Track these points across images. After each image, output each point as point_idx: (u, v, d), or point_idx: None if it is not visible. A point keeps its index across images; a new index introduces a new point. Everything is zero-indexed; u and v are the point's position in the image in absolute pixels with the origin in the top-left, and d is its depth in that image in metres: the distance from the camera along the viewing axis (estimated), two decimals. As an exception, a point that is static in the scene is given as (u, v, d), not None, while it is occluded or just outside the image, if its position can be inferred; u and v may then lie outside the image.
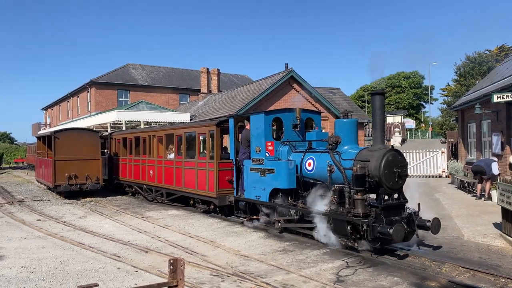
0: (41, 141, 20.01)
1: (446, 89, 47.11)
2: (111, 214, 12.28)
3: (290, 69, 22.39)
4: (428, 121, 55.79)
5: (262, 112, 9.84)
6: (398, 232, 6.66)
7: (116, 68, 38.03)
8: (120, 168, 17.66)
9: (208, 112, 24.91)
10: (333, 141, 7.99)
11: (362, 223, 6.98)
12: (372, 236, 6.93)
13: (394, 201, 7.43)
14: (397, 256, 7.19)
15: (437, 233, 7.51)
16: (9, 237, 9.01)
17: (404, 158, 7.63)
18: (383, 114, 7.73)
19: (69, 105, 42.77)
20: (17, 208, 13.85)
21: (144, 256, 7.45)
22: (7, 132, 71.76)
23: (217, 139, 11.37)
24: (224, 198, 11.03)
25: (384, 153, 7.29)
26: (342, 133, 8.18)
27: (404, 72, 63.71)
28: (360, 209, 7.09)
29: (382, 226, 6.87)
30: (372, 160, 7.32)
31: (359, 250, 7.35)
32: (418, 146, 27.76)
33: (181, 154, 13.08)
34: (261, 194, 9.45)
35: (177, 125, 16.22)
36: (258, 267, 6.64)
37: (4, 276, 6.15)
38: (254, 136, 9.78)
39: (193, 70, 42.43)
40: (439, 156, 20.15)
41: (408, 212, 7.45)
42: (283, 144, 9.49)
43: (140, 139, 16.05)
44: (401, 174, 7.39)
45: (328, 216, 7.74)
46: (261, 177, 9.40)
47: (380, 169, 7.18)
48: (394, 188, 7.38)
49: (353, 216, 7.14)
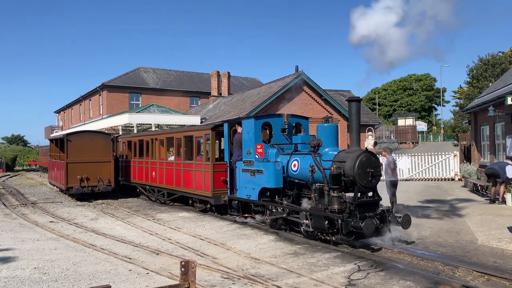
0: (53, 143, 20.24)
1: (459, 91, 46.59)
2: (122, 216, 12.36)
3: (301, 72, 22.36)
4: (440, 124, 55.23)
5: (252, 117, 10.48)
6: (368, 226, 7.30)
7: (128, 72, 38.38)
8: (126, 170, 18.28)
9: (219, 115, 24.97)
10: (315, 144, 8.63)
11: (337, 218, 7.70)
12: (346, 230, 7.57)
13: (369, 198, 8.06)
14: (371, 249, 7.81)
15: (407, 228, 8.02)
16: (22, 239, 9.11)
17: (377, 159, 8.31)
18: (359, 119, 8.49)
19: (81, 108, 43.24)
20: (30, 209, 14.02)
21: (155, 258, 7.47)
22: (20, 135, 72.86)
23: (212, 142, 12.11)
24: (219, 198, 11.68)
25: (358, 155, 7.98)
26: (323, 137, 8.87)
27: (415, 74, 63.22)
28: (336, 205, 7.76)
29: (356, 221, 7.46)
30: (348, 161, 8.00)
31: (335, 243, 8.04)
32: (430, 149, 27.51)
33: (181, 156, 13.79)
34: (252, 193, 10.13)
35: (176, 129, 16.92)
36: (269, 270, 6.61)
37: (17, 277, 6.22)
38: (245, 140, 10.44)
39: (203, 73, 42.62)
40: (451, 159, 19.91)
41: (381, 209, 8.02)
42: (272, 146, 10.18)
43: (143, 142, 16.78)
44: (374, 174, 8.05)
45: (308, 213, 8.40)
46: (251, 177, 10.09)
47: (354, 169, 7.86)
48: (367, 186, 8.02)
49: (330, 212, 7.82)
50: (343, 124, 23.92)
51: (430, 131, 55.56)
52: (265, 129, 10.59)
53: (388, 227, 7.84)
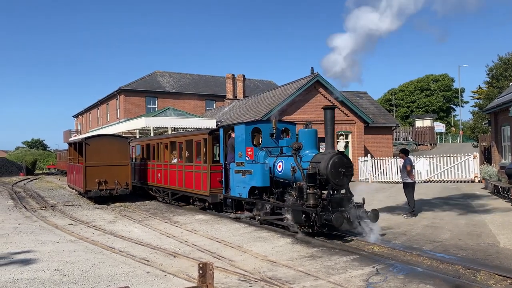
0: (72, 147, 20.55)
1: (478, 92, 45.74)
2: (140, 219, 12.47)
3: (316, 74, 22.25)
4: (459, 125, 54.25)
5: (243, 123, 11.55)
6: (337, 219, 8.17)
7: (144, 76, 38.79)
8: (137, 173, 19.20)
9: (234, 118, 25.02)
10: (296, 147, 9.42)
11: (312, 212, 8.61)
12: (320, 222, 8.51)
13: (341, 195, 8.98)
14: (344, 240, 8.82)
15: (376, 222, 8.78)
16: (42, 241, 9.27)
17: (349, 160, 9.20)
18: (333, 124, 9.32)
19: (99, 112, 43.85)
20: (50, 212, 14.26)
21: (172, 260, 7.51)
22: (40, 139, 74.22)
23: (209, 146, 13.24)
24: (215, 196, 12.80)
25: (331, 156, 8.87)
26: (304, 141, 9.85)
27: (433, 74, 62.27)
28: (311, 201, 8.66)
29: (327, 214, 8.32)
30: (322, 162, 8.91)
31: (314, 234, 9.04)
32: (448, 150, 27.01)
33: (182, 158, 14.94)
34: (243, 191, 11.18)
35: (179, 134, 18.26)
36: (286, 272, 6.58)
37: (38, 279, 6.32)
38: (237, 143, 11.49)
39: (219, 76, 42.79)
40: (471, 160, 19.51)
41: (353, 205, 8.87)
42: (261, 149, 11.17)
43: (150, 146, 18.06)
44: (346, 173, 8.93)
45: (289, 208, 9.45)
46: (242, 177, 11.13)
47: (327, 169, 8.75)
48: (339, 184, 8.93)
49: (306, 207, 8.75)
50: (359, 126, 23.75)
51: (448, 132, 54.60)
52: (256, 134, 11.53)
53: (358, 221, 8.71)
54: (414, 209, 11.36)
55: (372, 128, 25.73)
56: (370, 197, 15.89)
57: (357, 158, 23.50)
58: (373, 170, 22.03)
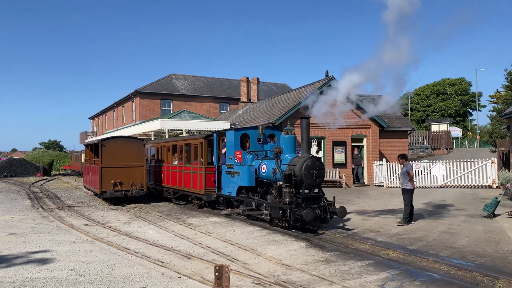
0: (88, 148, 20.79)
1: (496, 96, 45.01)
2: (154, 220, 12.56)
3: (331, 77, 22.14)
4: (476, 129, 53.39)
5: (233, 129, 12.79)
6: (308, 214, 9.44)
7: (160, 79, 39.18)
8: (149, 174, 19.85)
9: (248, 121, 25.05)
10: (277, 151, 10.73)
11: (287, 208, 9.86)
12: (294, 217, 9.73)
13: (314, 194, 10.15)
14: (316, 233, 9.97)
15: (343, 217, 10.47)
16: (59, 241, 9.40)
17: (321, 163, 10.35)
18: (308, 132, 10.46)
19: (115, 114, 44.37)
20: (66, 213, 14.46)
21: (187, 262, 7.54)
22: (57, 140, 75.53)
23: (205, 149, 14.54)
24: (210, 195, 14.10)
25: (305, 160, 10.04)
26: (284, 145, 11.08)
27: (449, 78, 61.41)
28: (287, 198, 9.88)
29: (300, 210, 9.60)
30: (297, 164, 10.08)
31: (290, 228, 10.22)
32: (465, 155, 26.60)
33: (182, 160, 16.36)
34: (232, 191, 12.48)
35: (180, 138, 19.27)
36: (300, 276, 6.54)
37: (55, 278, 6.41)
38: (228, 147, 12.72)
39: (233, 79, 42.96)
40: (488, 165, 19.16)
41: (324, 202, 10.15)
42: (249, 153, 12.42)
43: (155, 149, 19.59)
44: (318, 175, 10.08)
45: (269, 204, 10.79)
46: (232, 178, 12.41)
47: (301, 170, 9.92)
48: (312, 184, 10.06)
49: (283, 204, 9.99)
50: (374, 129, 23.55)
51: (465, 137, 53.75)
52: (245, 139, 12.75)
53: (328, 216, 10.11)
54: (408, 217, 11.08)
55: (387, 132, 25.49)
56: (385, 202, 15.73)
57: (372, 162, 23.29)
58: (388, 175, 21.81)
